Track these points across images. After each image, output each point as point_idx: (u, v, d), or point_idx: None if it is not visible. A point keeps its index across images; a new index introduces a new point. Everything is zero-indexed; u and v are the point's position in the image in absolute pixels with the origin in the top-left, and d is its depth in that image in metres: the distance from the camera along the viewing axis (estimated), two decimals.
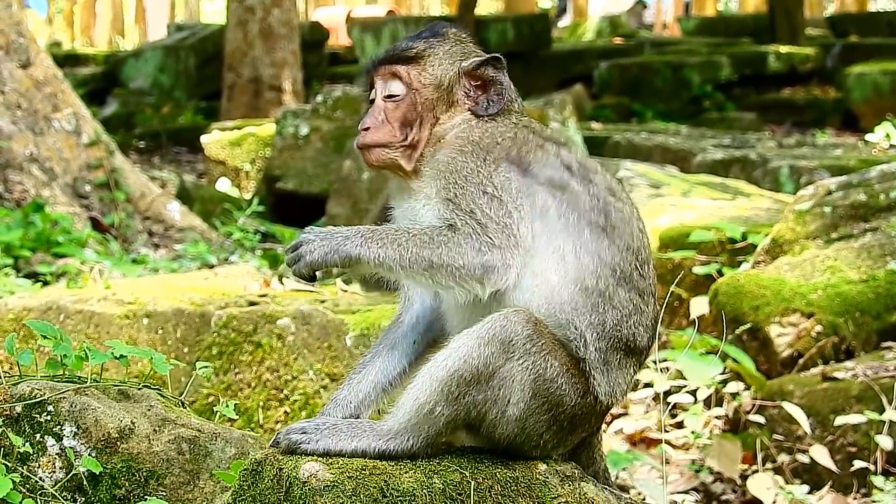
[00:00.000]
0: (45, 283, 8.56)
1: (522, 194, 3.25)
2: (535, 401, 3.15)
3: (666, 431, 6.36)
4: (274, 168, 15.15)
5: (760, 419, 6.00)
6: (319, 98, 15.63)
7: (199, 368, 4.01)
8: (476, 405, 3.14)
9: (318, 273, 3.31)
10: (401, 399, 3.24)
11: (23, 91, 11.41)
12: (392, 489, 3.03)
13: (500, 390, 3.13)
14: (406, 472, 3.09)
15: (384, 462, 3.12)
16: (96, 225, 11.16)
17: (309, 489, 3.02)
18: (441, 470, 3.13)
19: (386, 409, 3.35)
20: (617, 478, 5.80)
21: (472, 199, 3.21)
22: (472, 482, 3.11)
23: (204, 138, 17.58)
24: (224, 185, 16.30)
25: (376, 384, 3.43)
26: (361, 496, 3.01)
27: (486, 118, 3.43)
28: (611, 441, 6.20)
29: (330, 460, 3.09)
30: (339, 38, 35.13)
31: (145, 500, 3.45)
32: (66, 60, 29.46)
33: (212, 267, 9.35)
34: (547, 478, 3.22)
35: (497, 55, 3.50)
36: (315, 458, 3.11)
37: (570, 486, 3.24)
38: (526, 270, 3.21)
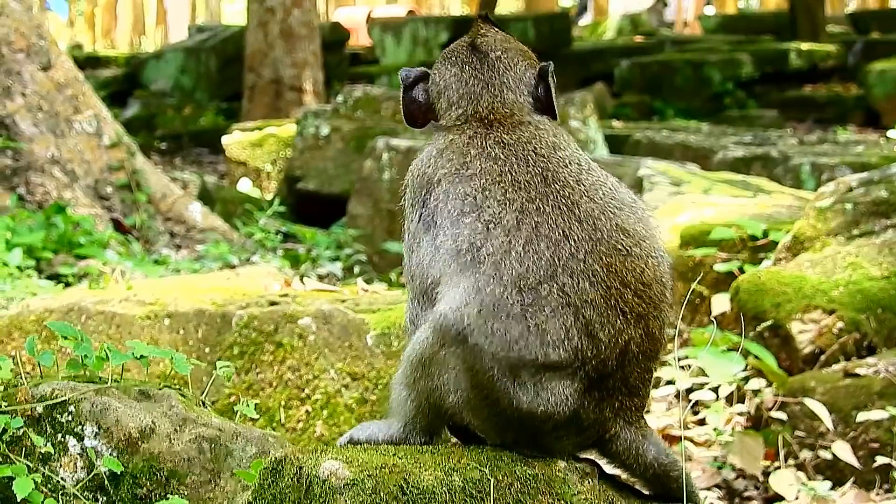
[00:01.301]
0: (68, 285, 8.60)
1: (420, 237, 3.27)
2: (474, 392, 3.12)
3: (688, 428, 6.35)
4: (295, 168, 15.16)
5: (782, 416, 5.98)
6: (340, 98, 15.62)
7: (220, 368, 4.03)
8: (431, 390, 3.18)
9: None
10: None
11: (44, 93, 11.45)
12: (412, 487, 3.04)
13: (438, 378, 3.16)
14: (425, 470, 3.09)
15: (403, 460, 3.13)
16: (118, 226, 11.19)
17: (329, 487, 3.03)
18: (460, 468, 3.13)
19: None
20: None
21: (406, 255, 3.35)
22: (492, 480, 3.11)
23: (225, 139, 17.61)
24: (245, 186, 16.33)
25: None
26: (381, 494, 3.01)
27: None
28: None
29: (349, 458, 3.10)
30: (360, 39, 35.16)
31: (167, 499, 3.46)
32: (88, 62, 29.63)
33: (233, 267, 9.37)
34: (566, 475, 3.21)
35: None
36: (335, 456, 3.11)
37: (589, 482, 3.24)
38: (439, 299, 3.21)
